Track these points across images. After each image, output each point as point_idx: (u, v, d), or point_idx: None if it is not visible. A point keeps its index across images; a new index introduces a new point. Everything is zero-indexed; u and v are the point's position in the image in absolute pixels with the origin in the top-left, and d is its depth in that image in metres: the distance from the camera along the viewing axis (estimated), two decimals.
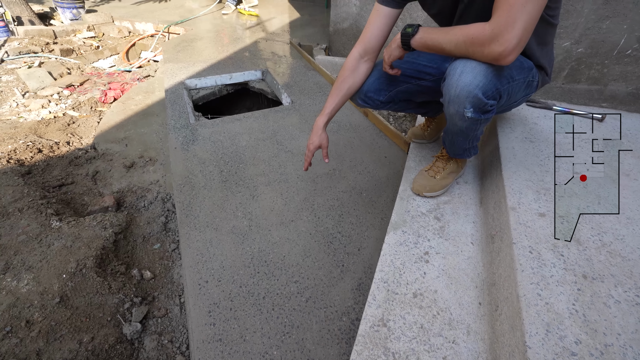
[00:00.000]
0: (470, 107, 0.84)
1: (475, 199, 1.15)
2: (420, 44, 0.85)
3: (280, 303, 1.03)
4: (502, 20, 0.70)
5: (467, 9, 0.88)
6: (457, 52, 0.81)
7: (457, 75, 0.82)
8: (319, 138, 1.07)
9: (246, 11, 4.09)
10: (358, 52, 1.02)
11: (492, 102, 0.85)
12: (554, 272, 0.75)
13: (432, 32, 0.83)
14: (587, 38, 1.30)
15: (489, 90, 0.82)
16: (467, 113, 0.86)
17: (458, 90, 0.83)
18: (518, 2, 0.68)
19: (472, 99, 0.83)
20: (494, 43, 0.72)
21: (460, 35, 0.78)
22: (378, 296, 0.87)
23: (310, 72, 2.62)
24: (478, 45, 0.75)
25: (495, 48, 0.72)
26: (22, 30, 3.42)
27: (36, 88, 2.51)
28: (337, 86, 1.05)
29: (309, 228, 1.27)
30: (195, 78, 2.50)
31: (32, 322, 0.88)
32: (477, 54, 0.77)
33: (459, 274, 0.92)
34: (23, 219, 1.22)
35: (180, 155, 1.64)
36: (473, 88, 0.81)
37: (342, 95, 1.05)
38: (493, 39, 0.72)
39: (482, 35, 0.73)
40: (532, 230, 0.85)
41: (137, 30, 4.06)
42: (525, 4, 0.68)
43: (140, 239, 1.30)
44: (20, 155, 1.66)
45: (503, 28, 0.70)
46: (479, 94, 0.81)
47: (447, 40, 0.80)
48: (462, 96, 0.83)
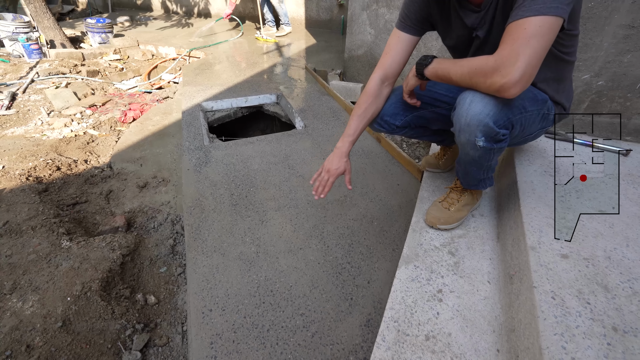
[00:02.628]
0: (482, 135, 0.83)
1: (491, 234, 1.10)
2: (432, 73, 0.87)
3: (284, 337, 0.98)
4: (506, 52, 0.70)
5: (481, 45, 0.89)
6: (463, 82, 0.81)
7: (467, 104, 0.82)
8: (344, 164, 1.03)
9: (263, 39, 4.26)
10: (379, 77, 1.02)
11: (504, 131, 0.83)
12: (580, 323, 0.69)
13: (443, 63, 0.85)
14: (608, 71, 1.28)
15: (500, 120, 0.81)
16: (479, 142, 0.84)
17: (469, 119, 0.82)
18: (522, 37, 0.68)
19: (483, 128, 0.81)
20: (497, 74, 0.72)
21: (466, 66, 0.79)
22: (388, 337, 0.82)
23: (324, 97, 2.66)
24: (481, 76, 0.75)
25: (498, 79, 0.72)
26: (54, 53, 3.64)
27: (61, 107, 2.63)
28: (360, 112, 1.03)
29: (318, 257, 1.24)
30: (212, 100, 2.57)
31: (32, 347, 0.87)
32: (481, 85, 0.77)
33: (474, 315, 0.87)
34: (35, 237, 1.23)
35: (193, 177, 1.66)
36: (484, 117, 0.80)
37: (366, 120, 1.04)
38: (496, 70, 0.72)
39: (486, 66, 0.74)
40: (555, 273, 0.80)
41: (160, 54, 4.27)
42: (530, 39, 0.68)
43: (147, 261, 1.29)
44: (39, 173, 1.71)
45: (506, 60, 0.70)
46: (489, 122, 0.80)
47: (454, 70, 0.82)
48: (472, 125, 0.82)
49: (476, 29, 0.87)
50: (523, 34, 0.68)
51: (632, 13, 1.16)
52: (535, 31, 0.67)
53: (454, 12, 0.91)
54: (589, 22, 1.25)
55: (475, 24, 0.87)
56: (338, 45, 4.09)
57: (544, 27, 0.67)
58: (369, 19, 2.54)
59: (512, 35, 0.70)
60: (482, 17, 0.84)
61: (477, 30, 0.87)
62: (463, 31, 0.91)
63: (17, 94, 2.77)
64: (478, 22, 0.86)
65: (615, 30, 1.21)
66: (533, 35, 0.68)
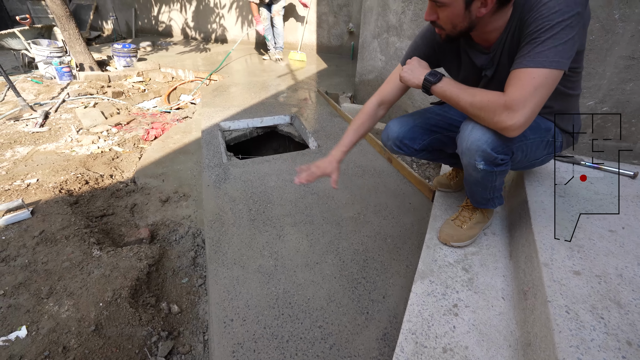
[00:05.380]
0: (481, 160, 0.89)
1: (504, 252, 1.14)
2: (440, 92, 0.90)
3: (303, 348, 1.01)
4: (516, 96, 0.76)
5: (488, 82, 0.96)
6: (470, 110, 0.85)
7: (468, 130, 0.89)
8: (330, 167, 1.09)
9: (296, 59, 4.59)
10: (377, 100, 1.12)
11: (502, 156, 0.89)
12: (595, 336, 0.72)
13: (453, 86, 0.88)
14: (612, 98, 1.35)
15: (498, 147, 0.86)
16: (479, 165, 0.91)
17: (469, 144, 0.89)
18: (531, 85, 0.75)
19: (481, 153, 0.88)
20: (505, 114, 0.78)
21: (479, 95, 0.83)
22: (406, 348, 0.85)
23: (336, 119, 2.77)
24: (490, 111, 0.81)
25: (505, 119, 0.78)
26: (83, 75, 3.88)
27: (89, 125, 2.79)
28: (355, 127, 1.13)
29: (334, 271, 1.28)
30: (229, 121, 2.71)
31: (68, 349, 0.92)
32: (487, 120, 0.82)
33: (490, 330, 0.89)
34: (68, 246, 1.31)
35: (213, 193, 1.74)
36: (482, 143, 0.86)
37: (359, 134, 1.13)
38: (505, 109, 0.78)
39: (496, 103, 0.79)
40: (568, 288, 0.83)
41: (179, 76, 4.50)
42: (538, 89, 0.75)
43: (170, 272, 1.35)
44: (70, 186, 1.81)
45: (515, 104, 0.76)
46: (487, 149, 0.86)
47: (464, 97, 0.85)
48: (472, 149, 0.89)
49: (485, 68, 0.94)
50: (532, 82, 0.75)
51: (631, 45, 1.25)
52: (542, 82, 0.75)
53: (464, 53, 0.99)
54: (591, 53, 1.33)
55: (484, 64, 0.94)
56: (348, 70, 4.26)
57: (550, 79, 0.75)
58: (379, 47, 2.68)
59: (522, 81, 0.76)
60: (491, 58, 0.91)
61: (485, 70, 0.94)
62: (473, 69, 0.99)
63: (49, 112, 2.95)
64: (487, 62, 0.93)
65: (617, 60, 1.29)
66: (541, 85, 0.75)
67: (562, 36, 0.73)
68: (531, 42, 0.76)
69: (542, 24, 0.74)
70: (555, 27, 0.72)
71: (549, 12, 0.73)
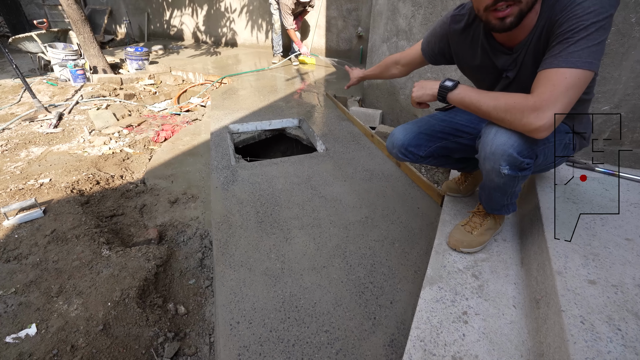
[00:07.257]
0: (506, 164, 0.86)
1: (515, 259, 1.12)
2: (458, 99, 0.88)
3: (310, 353, 1.00)
4: (546, 96, 0.74)
5: (509, 84, 0.93)
6: (493, 114, 0.83)
7: (492, 134, 0.85)
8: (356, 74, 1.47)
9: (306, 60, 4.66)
10: (396, 58, 1.29)
11: (528, 160, 0.86)
12: (612, 348, 0.70)
13: (471, 91, 0.86)
14: (628, 103, 1.32)
15: (524, 150, 0.84)
16: (504, 170, 0.87)
17: (494, 148, 0.86)
18: (563, 85, 0.72)
19: (507, 157, 0.85)
20: (533, 115, 0.75)
21: (502, 98, 0.81)
22: (414, 355, 0.84)
23: (344, 122, 2.77)
24: (518, 112, 0.78)
25: (534, 121, 0.75)
26: (96, 78, 3.97)
27: (101, 127, 2.84)
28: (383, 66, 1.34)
29: (341, 276, 1.27)
30: (238, 123, 2.73)
31: (76, 348, 0.93)
32: (515, 122, 0.79)
33: (501, 339, 0.87)
34: (78, 245, 1.33)
35: (221, 195, 1.75)
36: (507, 147, 0.83)
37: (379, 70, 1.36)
38: (534, 110, 0.75)
39: (524, 105, 0.77)
40: (582, 298, 0.81)
41: (190, 79, 4.56)
42: (569, 89, 0.72)
43: (177, 273, 1.35)
44: (81, 186, 1.85)
45: (545, 104, 0.74)
46: (513, 153, 0.83)
47: (485, 101, 0.83)
48: (497, 154, 0.86)
49: (507, 70, 0.91)
50: (564, 82, 0.72)
51: None
52: (574, 82, 0.72)
53: (483, 53, 0.95)
54: (606, 58, 1.30)
55: (506, 65, 0.91)
56: None
57: (582, 80, 0.72)
58: (389, 51, 2.68)
59: (553, 81, 0.73)
60: (514, 59, 0.89)
61: (507, 72, 0.92)
62: (492, 71, 0.96)
63: (63, 114, 3.02)
64: (509, 64, 0.90)
65: (633, 65, 1.26)
66: (572, 85, 0.72)
67: (596, 37, 0.70)
68: (563, 42, 0.73)
69: (575, 23, 0.71)
70: (589, 28, 0.70)
71: (583, 12, 0.71)
